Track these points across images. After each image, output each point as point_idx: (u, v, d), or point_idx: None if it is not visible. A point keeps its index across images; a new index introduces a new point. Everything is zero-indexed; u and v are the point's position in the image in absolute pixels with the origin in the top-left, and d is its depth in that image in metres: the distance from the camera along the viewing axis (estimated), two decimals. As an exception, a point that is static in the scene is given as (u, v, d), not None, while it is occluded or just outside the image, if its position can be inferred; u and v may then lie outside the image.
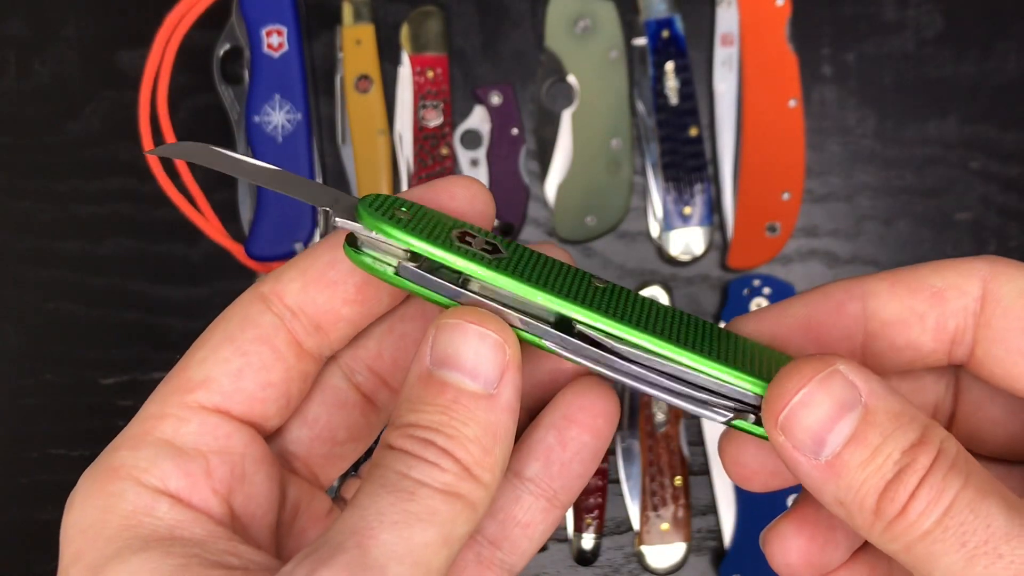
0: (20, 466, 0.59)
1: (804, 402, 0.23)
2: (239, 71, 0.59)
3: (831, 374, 0.23)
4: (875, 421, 0.23)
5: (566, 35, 0.60)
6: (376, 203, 0.25)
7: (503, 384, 0.24)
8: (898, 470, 0.22)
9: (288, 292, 0.27)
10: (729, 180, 0.59)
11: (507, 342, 0.25)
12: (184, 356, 0.27)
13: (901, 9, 0.60)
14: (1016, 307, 0.25)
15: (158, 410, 0.26)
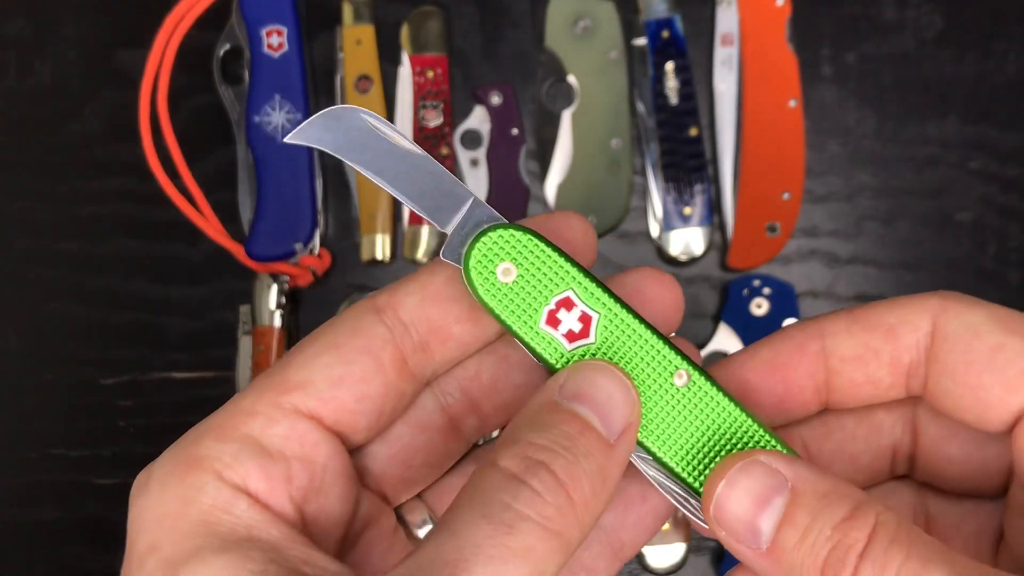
0: (20, 466, 0.59)
1: (728, 494, 0.25)
2: (239, 71, 0.59)
3: (751, 464, 0.25)
4: (802, 502, 0.24)
5: (566, 35, 0.60)
6: (486, 253, 0.26)
7: (623, 438, 0.24)
8: (831, 547, 0.23)
9: (404, 305, 0.27)
10: (729, 180, 0.59)
11: (636, 400, 0.25)
12: (287, 354, 0.27)
13: (901, 9, 0.60)
14: (962, 341, 0.26)
15: (250, 405, 0.25)
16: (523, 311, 0.26)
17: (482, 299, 0.26)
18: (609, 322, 0.26)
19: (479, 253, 0.26)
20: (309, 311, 0.59)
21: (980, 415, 0.27)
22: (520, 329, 0.26)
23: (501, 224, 0.27)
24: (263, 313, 0.57)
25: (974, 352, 0.26)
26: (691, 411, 0.26)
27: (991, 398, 0.26)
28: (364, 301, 0.27)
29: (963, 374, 0.26)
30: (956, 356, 0.26)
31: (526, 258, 0.26)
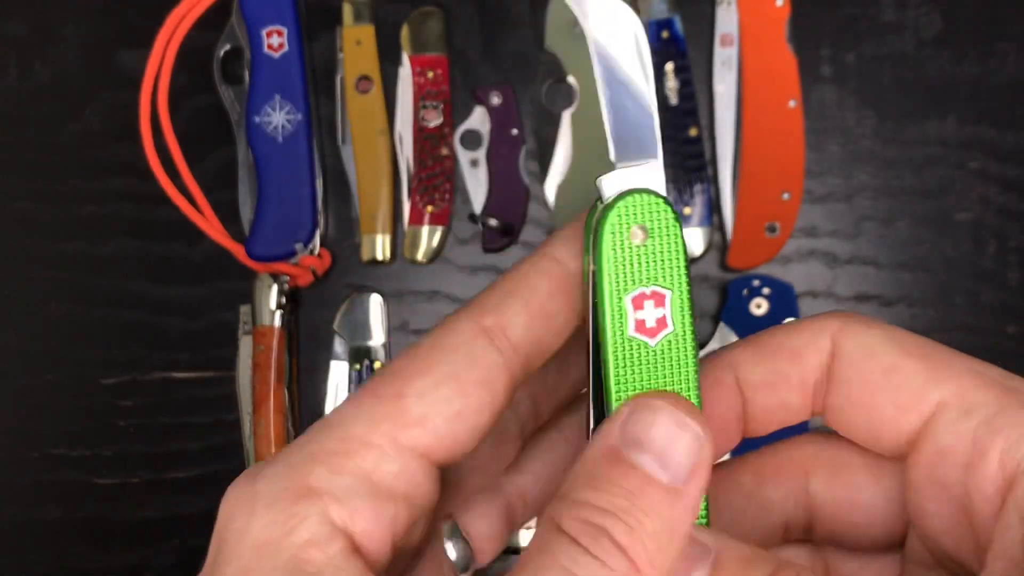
0: (20, 466, 0.59)
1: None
2: (239, 71, 0.59)
3: (673, 531, 0.24)
4: (726, 566, 0.24)
5: (566, 35, 0.60)
6: (629, 210, 0.26)
7: (692, 481, 0.23)
8: None
9: (514, 327, 0.26)
10: (729, 180, 0.59)
11: (706, 438, 0.24)
12: (392, 375, 0.25)
13: (900, 10, 0.60)
14: (858, 362, 0.26)
15: (366, 434, 0.24)
16: (624, 281, 0.25)
17: (600, 252, 0.25)
18: (673, 339, 0.26)
19: (625, 207, 0.26)
20: (309, 311, 0.59)
21: (873, 437, 0.27)
22: (609, 297, 0.25)
23: (655, 193, 0.26)
24: (263, 313, 0.57)
25: (869, 372, 0.26)
26: None
27: (884, 419, 0.26)
28: (468, 317, 0.26)
29: (858, 394, 0.26)
30: (852, 376, 0.26)
31: (659, 232, 0.26)
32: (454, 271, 0.60)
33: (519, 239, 0.60)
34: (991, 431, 0.24)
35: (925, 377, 0.25)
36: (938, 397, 0.25)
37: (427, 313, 0.59)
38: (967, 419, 0.24)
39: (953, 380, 0.25)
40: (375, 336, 0.58)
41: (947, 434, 0.25)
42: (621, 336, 0.25)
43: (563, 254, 0.27)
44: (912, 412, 0.25)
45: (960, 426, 0.25)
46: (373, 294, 0.59)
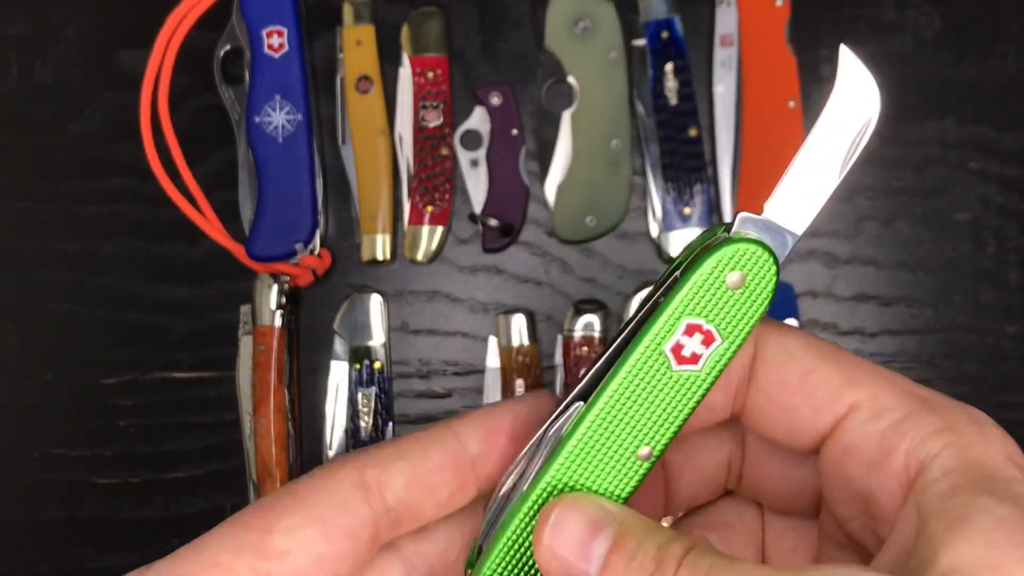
0: (21, 466, 0.59)
1: (559, 523, 0.26)
2: (240, 72, 0.59)
3: (579, 498, 0.26)
4: (630, 531, 0.25)
5: (566, 36, 0.60)
6: (732, 257, 0.27)
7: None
8: (655, 566, 0.24)
9: (392, 487, 0.27)
10: (728, 180, 0.59)
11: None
12: (263, 508, 0.27)
13: (900, 10, 0.60)
14: (776, 364, 0.28)
15: (228, 561, 0.25)
16: (693, 304, 0.27)
17: (696, 266, 0.26)
18: (692, 377, 0.27)
19: (745, 249, 0.26)
20: (309, 311, 0.59)
21: (790, 435, 0.28)
22: (672, 308, 0.27)
23: (776, 260, 0.27)
24: (263, 313, 0.57)
25: (787, 374, 0.28)
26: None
27: (800, 418, 0.27)
28: (352, 466, 0.27)
29: (776, 395, 0.28)
30: (771, 377, 0.28)
31: (751, 293, 0.27)
32: (454, 271, 0.60)
33: (519, 239, 0.60)
34: (898, 433, 0.26)
35: (840, 380, 0.27)
36: (851, 399, 0.27)
37: (427, 313, 0.59)
38: (876, 421, 0.26)
39: (866, 385, 0.27)
40: (375, 336, 0.58)
41: (856, 434, 0.26)
42: (656, 345, 0.27)
43: (467, 434, 0.29)
44: (827, 412, 0.27)
45: (869, 427, 0.26)
46: (373, 294, 0.59)
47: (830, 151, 0.27)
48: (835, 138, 0.27)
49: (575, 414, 0.27)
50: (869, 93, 0.27)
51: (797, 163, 0.27)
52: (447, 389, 0.59)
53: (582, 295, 0.59)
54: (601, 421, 0.27)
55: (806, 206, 0.27)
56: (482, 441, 0.29)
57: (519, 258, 0.60)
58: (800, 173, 0.27)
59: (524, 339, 0.58)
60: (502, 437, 0.29)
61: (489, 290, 0.60)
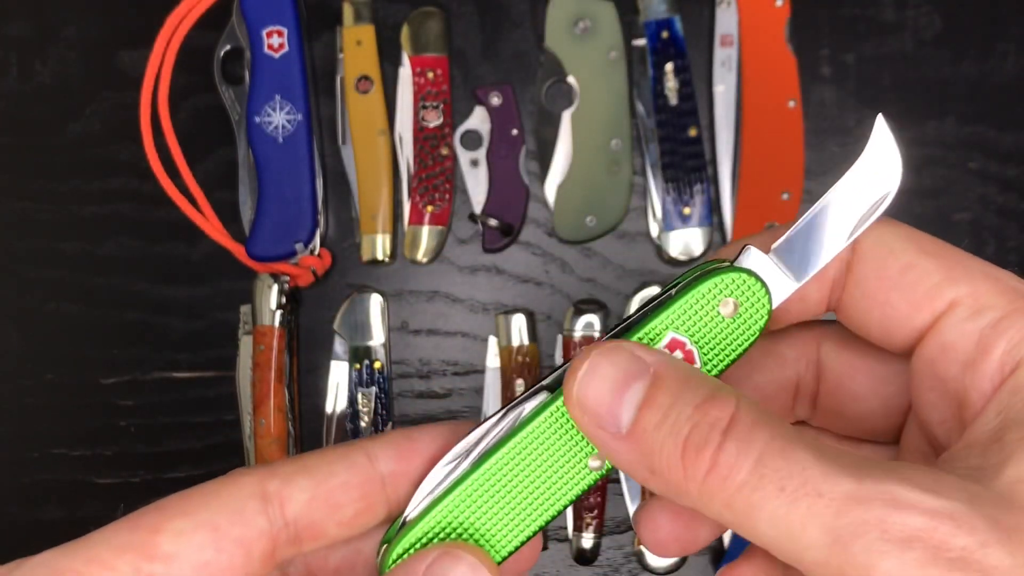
0: (21, 465, 0.59)
1: (591, 373, 0.25)
2: (240, 72, 0.59)
3: (614, 348, 0.25)
4: (663, 385, 0.24)
5: (566, 35, 0.60)
6: (722, 287, 0.27)
7: None
8: (692, 426, 0.23)
9: (293, 502, 0.26)
10: (728, 180, 0.59)
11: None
12: (157, 508, 0.26)
13: (900, 10, 0.60)
14: (876, 258, 0.27)
15: (110, 559, 0.25)
16: (682, 320, 0.27)
17: (693, 287, 0.27)
18: None
19: (744, 279, 0.27)
20: (309, 311, 0.59)
21: (885, 332, 0.27)
22: (659, 319, 0.27)
23: (770, 299, 0.27)
24: (263, 313, 0.57)
25: (886, 269, 0.27)
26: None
27: (897, 315, 0.27)
28: (256, 475, 0.26)
29: (873, 290, 0.27)
30: (869, 272, 0.27)
31: (742, 325, 0.27)
32: (454, 271, 0.60)
33: (519, 239, 0.60)
34: (996, 332, 0.25)
35: (941, 276, 0.26)
36: (951, 296, 0.26)
37: (427, 313, 0.59)
38: (976, 319, 0.25)
39: (967, 281, 0.26)
40: (375, 336, 0.58)
41: (953, 331, 0.26)
42: None
43: (379, 453, 0.28)
44: (925, 309, 0.26)
45: (968, 325, 0.25)
46: (373, 294, 0.59)
47: (843, 215, 0.27)
48: (851, 204, 0.27)
49: (540, 402, 0.27)
50: (893, 169, 0.27)
51: (810, 215, 0.27)
52: (447, 389, 0.59)
53: (582, 295, 0.59)
54: (563, 414, 0.26)
55: (810, 260, 0.27)
56: (394, 461, 0.28)
57: (519, 258, 0.60)
58: (811, 226, 0.27)
59: (524, 339, 0.58)
60: (416, 459, 0.28)
61: (489, 290, 0.60)
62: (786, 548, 0.22)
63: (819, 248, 0.27)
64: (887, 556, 0.20)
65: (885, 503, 0.21)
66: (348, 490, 0.27)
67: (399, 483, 0.28)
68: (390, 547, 0.27)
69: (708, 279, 0.27)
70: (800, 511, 0.21)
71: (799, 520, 0.21)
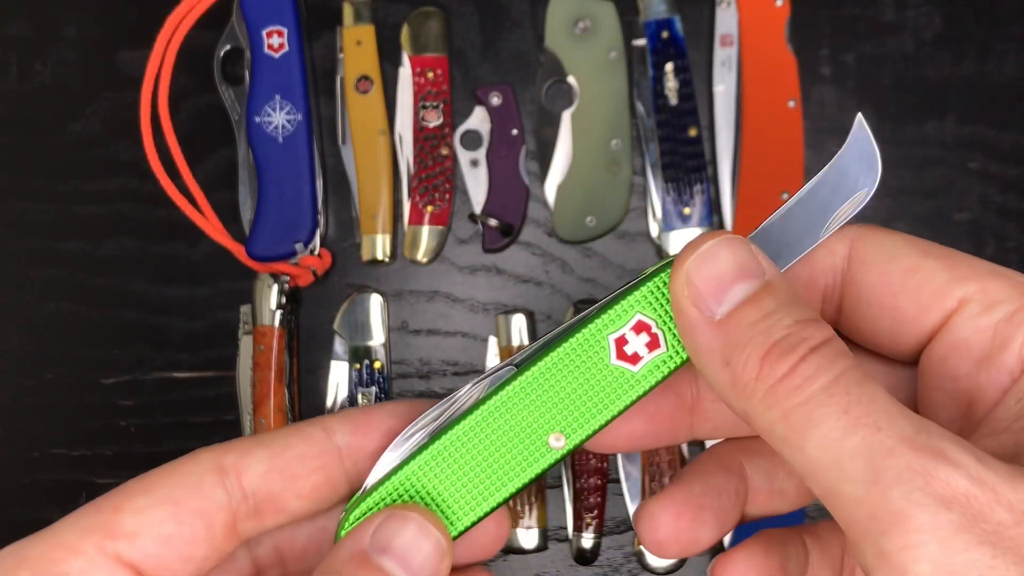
0: (21, 466, 0.59)
1: (711, 254, 0.25)
2: (240, 72, 0.59)
3: (740, 241, 0.25)
4: (774, 292, 0.24)
5: (566, 35, 0.60)
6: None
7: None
8: (786, 333, 0.23)
9: (250, 473, 0.27)
10: (728, 180, 0.59)
11: (447, 548, 0.25)
12: (119, 490, 0.26)
13: (900, 10, 0.60)
14: (878, 264, 0.27)
15: (75, 542, 0.25)
16: (649, 303, 0.27)
17: (662, 268, 0.27)
18: (622, 374, 0.27)
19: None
20: (309, 311, 0.59)
21: (894, 338, 0.27)
22: (630, 301, 0.27)
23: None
24: (263, 313, 0.57)
25: (890, 274, 0.26)
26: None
27: (905, 318, 0.26)
28: (213, 450, 0.27)
29: (879, 296, 0.27)
30: (873, 279, 0.27)
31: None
32: (454, 271, 0.60)
33: (519, 239, 0.60)
34: (1012, 324, 0.25)
35: (947, 276, 0.26)
36: (961, 294, 0.25)
37: (427, 313, 0.59)
38: (989, 314, 0.25)
39: (975, 279, 0.26)
40: (375, 336, 0.58)
41: (966, 328, 0.25)
42: (603, 330, 0.27)
43: (335, 427, 0.28)
44: (934, 309, 0.26)
45: (981, 320, 0.25)
46: (373, 294, 0.59)
47: (818, 211, 0.27)
48: (828, 199, 0.27)
49: (503, 378, 0.27)
50: (871, 168, 0.27)
51: (787, 208, 0.27)
52: (447, 389, 0.59)
53: (582, 295, 0.59)
54: (525, 392, 0.26)
55: (784, 254, 0.27)
56: (351, 434, 0.28)
57: (519, 258, 0.60)
58: (787, 217, 0.27)
59: (524, 339, 0.58)
60: (373, 432, 0.28)
61: (489, 290, 0.60)
62: (826, 474, 0.22)
63: (793, 241, 0.27)
64: (924, 510, 0.20)
65: (936, 456, 0.21)
66: (304, 461, 0.27)
67: (357, 457, 0.28)
68: (346, 513, 0.27)
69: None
70: (854, 439, 0.21)
71: (850, 448, 0.21)
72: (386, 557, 0.25)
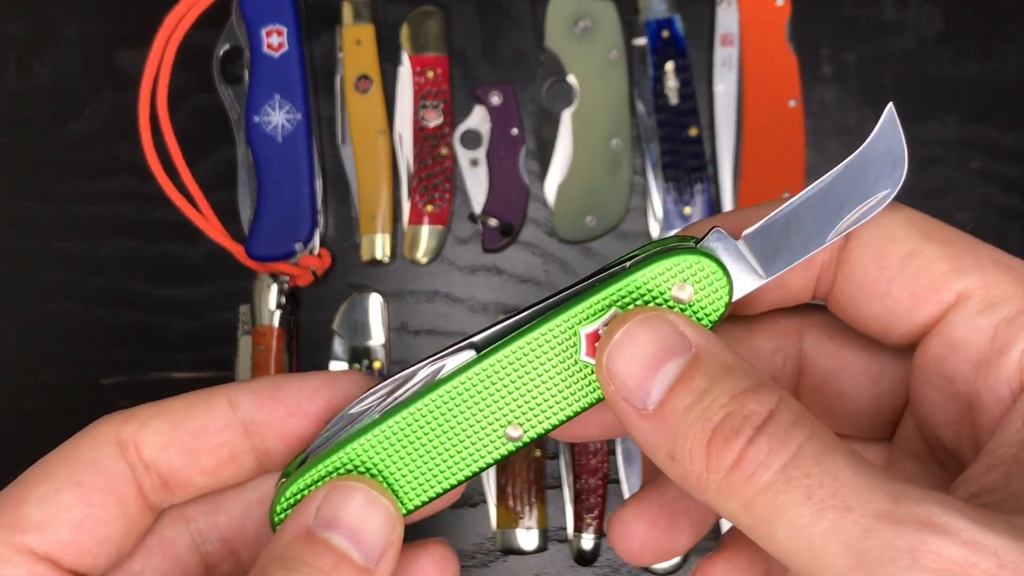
0: (20, 466, 0.58)
1: (627, 340, 0.23)
2: (239, 71, 0.59)
3: (657, 317, 0.23)
4: (703, 367, 0.22)
5: (566, 35, 0.60)
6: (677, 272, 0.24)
7: (384, 560, 0.23)
8: (726, 414, 0.21)
9: (147, 445, 0.25)
10: (729, 180, 0.59)
11: (398, 518, 0.24)
12: (19, 481, 0.25)
13: (901, 9, 0.60)
14: (876, 245, 0.24)
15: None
16: (630, 296, 0.25)
17: (646, 264, 0.25)
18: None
19: (700, 261, 0.24)
20: (309, 311, 0.59)
21: (884, 327, 0.25)
22: (606, 292, 0.25)
23: (730, 286, 0.25)
24: (263, 313, 0.57)
25: (887, 257, 0.24)
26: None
27: (898, 307, 0.24)
28: (105, 425, 0.26)
29: (872, 280, 0.24)
30: (868, 260, 0.24)
31: (698, 309, 0.25)
32: (454, 271, 0.60)
33: (519, 239, 0.60)
34: (1014, 328, 0.22)
35: (948, 265, 0.24)
36: (960, 287, 0.23)
37: (427, 313, 0.59)
38: (989, 314, 0.23)
39: (977, 271, 0.23)
40: (375, 336, 0.58)
41: (964, 327, 0.23)
42: (575, 323, 0.25)
43: (243, 399, 0.26)
44: (930, 302, 0.24)
45: (980, 320, 0.23)
46: (373, 294, 0.58)
47: (831, 209, 0.24)
48: (842, 199, 0.24)
49: (463, 361, 0.25)
50: (897, 167, 0.24)
51: (794, 205, 0.24)
52: (447, 389, 0.59)
53: (582, 295, 0.59)
54: (484, 379, 0.25)
55: (784, 254, 0.24)
56: (256, 409, 0.26)
57: (519, 258, 0.60)
58: (792, 216, 0.24)
59: (524, 339, 0.57)
60: (281, 409, 0.26)
61: (489, 290, 0.59)
62: (803, 563, 0.20)
63: (796, 242, 0.24)
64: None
65: (921, 527, 0.19)
66: (206, 436, 0.26)
67: (264, 434, 0.26)
68: (283, 487, 0.25)
69: (666, 258, 0.24)
70: (825, 524, 0.19)
71: (822, 534, 0.19)
72: (333, 532, 0.23)
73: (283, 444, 0.26)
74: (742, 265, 0.24)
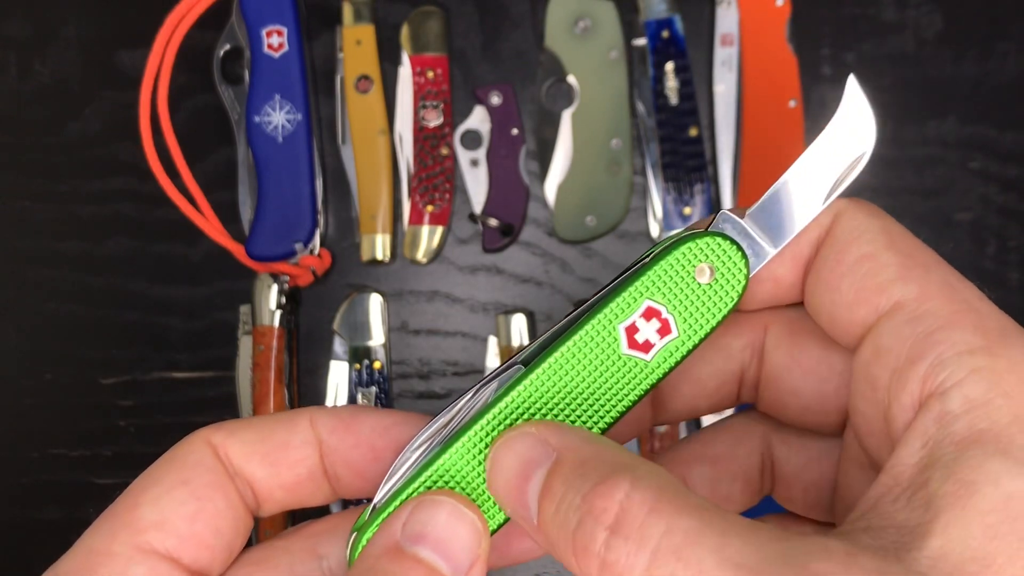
0: (20, 466, 0.59)
1: (496, 465, 0.24)
2: (239, 71, 0.59)
3: (518, 435, 0.24)
4: (559, 471, 0.22)
5: (566, 35, 0.60)
6: (695, 254, 0.26)
7: (472, 572, 0.24)
8: (578, 520, 0.21)
9: (235, 453, 0.26)
10: (729, 180, 0.59)
11: (484, 530, 0.24)
12: (128, 491, 0.26)
13: (901, 9, 0.60)
14: (841, 243, 0.25)
15: (106, 546, 0.24)
16: (658, 287, 0.26)
17: (668, 252, 0.26)
18: (637, 363, 0.26)
19: (719, 243, 0.26)
20: (309, 311, 0.59)
21: (831, 321, 0.25)
22: (637, 285, 0.26)
23: (748, 264, 0.26)
24: (263, 313, 0.57)
25: (846, 253, 0.25)
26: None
27: (842, 303, 0.25)
28: (201, 432, 0.27)
29: (827, 274, 0.25)
30: (830, 255, 0.25)
31: (719, 292, 0.26)
32: (454, 271, 0.60)
33: (519, 239, 0.60)
34: (929, 342, 0.22)
35: (896, 273, 0.24)
36: (899, 296, 0.24)
37: (427, 313, 0.59)
38: (914, 324, 0.23)
39: (920, 283, 0.24)
40: (375, 336, 0.58)
41: (891, 335, 0.23)
42: (612, 320, 0.26)
43: (323, 421, 0.27)
44: (869, 304, 0.24)
45: (905, 330, 0.23)
46: (373, 294, 0.59)
47: (819, 177, 0.26)
48: (826, 166, 0.26)
49: (511, 377, 0.26)
50: (867, 129, 0.26)
51: (785, 179, 0.26)
52: (447, 389, 0.59)
53: (582, 295, 0.59)
54: (536, 389, 0.26)
55: (787, 224, 0.26)
56: (330, 433, 0.27)
57: (519, 258, 0.60)
58: (787, 190, 0.26)
59: (524, 339, 0.58)
60: (352, 437, 0.27)
61: (489, 290, 0.60)
62: None
63: (795, 211, 0.26)
64: None
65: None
66: (285, 451, 0.26)
67: (333, 459, 0.27)
68: (360, 532, 0.26)
69: (682, 244, 0.26)
70: None
71: None
72: (421, 546, 0.23)
73: (349, 473, 0.27)
74: (752, 240, 0.26)
